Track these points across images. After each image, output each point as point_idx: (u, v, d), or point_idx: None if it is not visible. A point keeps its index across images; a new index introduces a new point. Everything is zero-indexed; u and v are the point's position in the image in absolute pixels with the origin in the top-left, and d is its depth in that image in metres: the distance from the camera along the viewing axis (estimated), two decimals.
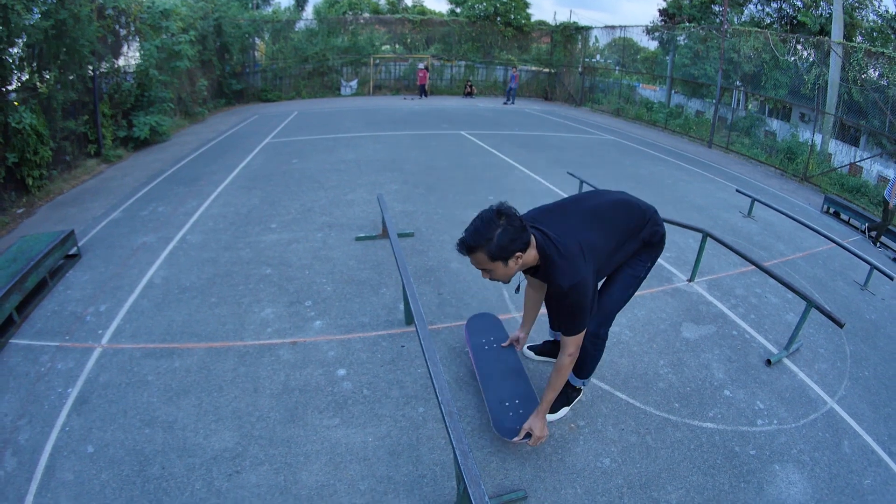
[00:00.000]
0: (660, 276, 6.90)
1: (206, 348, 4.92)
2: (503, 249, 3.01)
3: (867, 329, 6.29)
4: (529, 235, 3.13)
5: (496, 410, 3.88)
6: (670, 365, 4.99)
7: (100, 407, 4.21)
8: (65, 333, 5.31)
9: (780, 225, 9.73)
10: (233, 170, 11.37)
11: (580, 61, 30.15)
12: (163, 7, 16.65)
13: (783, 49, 18.33)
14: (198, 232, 7.80)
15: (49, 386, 4.51)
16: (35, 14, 10.26)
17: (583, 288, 3.15)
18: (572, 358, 3.41)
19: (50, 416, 4.14)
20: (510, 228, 3.02)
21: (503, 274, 3.16)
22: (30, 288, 5.87)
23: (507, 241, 3.00)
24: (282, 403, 4.17)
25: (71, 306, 5.85)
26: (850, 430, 4.42)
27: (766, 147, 18.79)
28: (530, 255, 3.18)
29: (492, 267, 3.10)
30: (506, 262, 3.08)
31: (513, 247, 3.03)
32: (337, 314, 5.48)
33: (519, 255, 3.08)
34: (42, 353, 5.02)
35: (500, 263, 3.08)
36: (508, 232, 3.01)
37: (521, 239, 3.05)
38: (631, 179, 11.97)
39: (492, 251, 3.01)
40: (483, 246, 3.01)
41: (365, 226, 7.91)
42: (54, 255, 6.49)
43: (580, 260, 3.18)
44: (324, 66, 28.60)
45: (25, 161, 10.03)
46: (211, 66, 23.01)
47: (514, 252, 3.05)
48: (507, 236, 3.00)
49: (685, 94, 25.09)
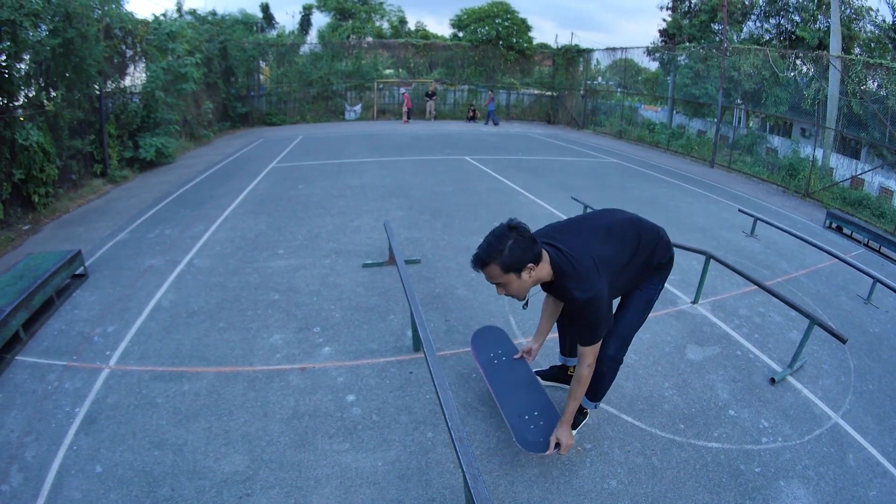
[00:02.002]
0: (664, 298, 6.97)
1: (216, 373, 5.01)
2: (516, 261, 3.12)
3: (871, 342, 6.39)
4: (541, 248, 3.26)
5: (517, 425, 3.94)
6: (675, 387, 5.07)
7: (108, 427, 4.29)
8: (72, 353, 5.41)
9: (783, 243, 9.84)
10: (239, 194, 11.55)
11: (582, 84, 30.46)
12: (169, 29, 16.92)
13: (782, 65, 18.56)
14: (205, 256, 7.93)
15: (56, 404, 4.60)
16: (42, 31, 10.46)
17: (598, 301, 3.25)
18: (591, 368, 3.52)
19: (57, 434, 4.22)
20: (521, 240, 3.13)
21: (517, 288, 3.26)
22: (36, 306, 5.98)
23: (519, 253, 3.12)
24: (291, 428, 4.24)
25: (78, 326, 5.97)
26: (854, 443, 4.49)
27: (768, 164, 18.92)
28: (544, 270, 3.29)
29: (505, 280, 3.20)
30: (519, 275, 3.19)
31: (525, 258, 3.14)
32: (345, 340, 5.57)
33: (531, 268, 3.19)
34: (49, 371, 5.12)
35: (513, 276, 3.18)
36: (520, 244, 3.12)
37: (532, 251, 3.17)
38: (634, 202, 12.07)
39: (504, 263, 3.12)
40: (495, 259, 3.12)
41: (372, 252, 8.03)
42: (61, 274, 6.62)
43: (594, 273, 3.28)
44: (328, 91, 28.90)
45: (32, 178, 10.23)
46: (216, 89, 23.30)
47: (526, 264, 3.16)
48: (518, 248, 3.12)
49: (687, 114, 25.32)
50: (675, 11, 30.18)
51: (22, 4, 9.46)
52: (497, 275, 3.18)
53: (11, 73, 10.12)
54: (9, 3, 9.17)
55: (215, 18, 25.94)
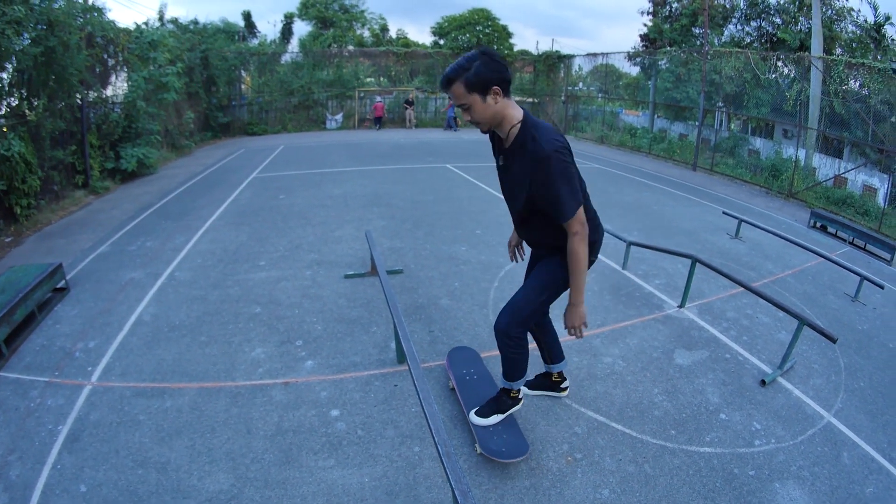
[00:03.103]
0: (650, 303, 7.01)
1: (198, 388, 4.93)
2: (481, 79, 3.07)
3: (860, 340, 6.44)
4: (510, 77, 3.20)
5: (483, 435, 4.01)
6: (665, 392, 5.05)
7: (91, 445, 4.20)
8: (54, 369, 5.31)
9: (768, 244, 9.93)
10: (220, 204, 11.46)
11: (563, 90, 30.69)
12: (151, 38, 16.83)
13: (764, 67, 18.78)
14: (186, 268, 7.84)
15: (39, 422, 4.50)
16: (25, 39, 10.34)
17: (565, 154, 3.16)
18: (580, 237, 3.30)
19: (41, 452, 4.13)
20: (490, 62, 3.09)
21: (481, 113, 3.19)
22: (18, 321, 5.88)
23: (485, 72, 3.06)
24: (276, 445, 4.17)
25: (60, 341, 5.86)
26: (848, 441, 4.50)
27: (751, 166, 19.16)
28: (511, 107, 3.24)
29: (470, 101, 3.14)
30: (483, 97, 3.13)
31: (491, 78, 3.09)
32: (328, 354, 5.50)
33: (497, 91, 3.13)
34: (31, 387, 5.02)
35: (477, 97, 3.13)
36: (487, 64, 3.08)
37: (499, 73, 3.11)
38: (617, 207, 12.17)
39: (469, 81, 3.07)
40: (461, 76, 3.08)
41: (353, 263, 7.97)
42: (42, 288, 6.51)
43: (562, 137, 3.23)
44: (309, 100, 28.86)
45: (14, 189, 10.09)
46: (198, 99, 23.18)
47: (491, 85, 3.10)
48: (485, 67, 3.07)
49: (668, 118, 25.52)
50: (656, 16, 30.52)
51: (4, 12, 9.34)
52: (462, 94, 3.13)
53: None
54: None
55: (197, 27, 25.81)
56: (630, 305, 6.91)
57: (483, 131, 3.37)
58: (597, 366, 5.41)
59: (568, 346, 5.60)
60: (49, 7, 10.97)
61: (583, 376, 5.19)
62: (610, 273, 7.98)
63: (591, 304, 6.80)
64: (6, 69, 10.54)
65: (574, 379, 5.11)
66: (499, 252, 8.41)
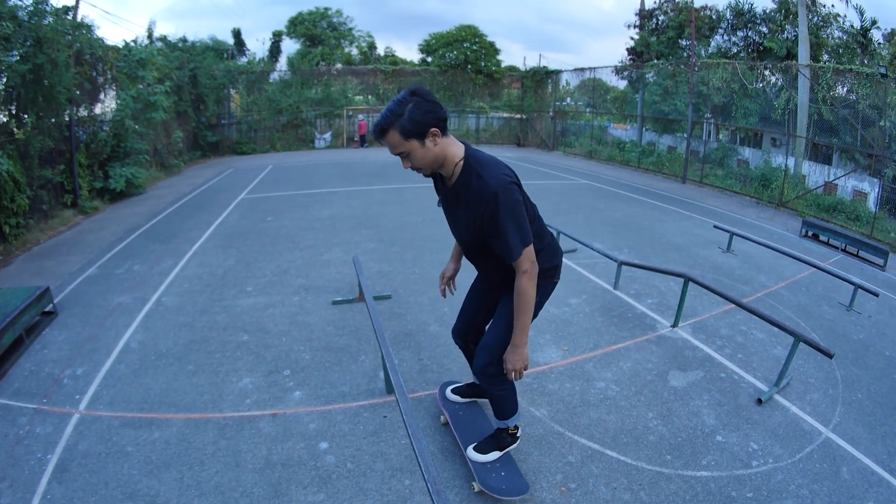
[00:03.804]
0: (643, 324, 7.04)
1: (185, 419, 4.91)
2: (416, 124, 2.94)
3: (856, 350, 6.51)
4: (446, 114, 3.09)
5: (481, 472, 3.97)
6: (659, 416, 5.05)
7: (80, 476, 4.18)
8: (42, 396, 5.29)
9: (760, 256, 10.01)
10: (208, 227, 11.46)
11: (551, 105, 30.99)
12: (139, 56, 16.85)
13: (751, 77, 19.08)
14: (174, 293, 7.82)
15: (28, 450, 4.48)
16: (13, 56, 10.34)
17: (513, 189, 3.06)
18: (529, 276, 3.14)
19: (31, 481, 4.12)
20: (422, 103, 2.95)
21: (421, 158, 3.07)
22: (6, 345, 5.88)
23: (419, 115, 2.93)
24: (265, 478, 4.16)
25: (48, 367, 5.84)
26: (847, 455, 4.54)
27: (740, 177, 19.41)
28: (452, 147, 3.15)
29: (408, 148, 3.01)
30: (422, 142, 3.00)
31: (426, 121, 2.96)
32: (317, 384, 5.50)
33: (435, 133, 3.01)
34: (20, 414, 5.01)
35: (415, 143, 2.99)
36: (421, 106, 2.94)
37: (435, 114, 2.99)
38: (607, 223, 12.27)
39: (404, 126, 2.93)
40: (394, 123, 2.94)
41: (342, 288, 7.98)
42: (31, 312, 6.50)
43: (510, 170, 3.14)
44: (298, 119, 28.99)
45: (3, 208, 10.09)
46: (186, 118, 23.21)
47: (428, 128, 2.98)
48: (419, 110, 2.93)
49: (656, 130, 25.84)
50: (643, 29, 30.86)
51: None
52: (398, 142, 2.99)
53: None
54: None
55: (186, 45, 25.83)
56: (622, 327, 6.94)
57: (426, 175, 3.30)
58: (589, 391, 5.42)
59: (560, 372, 5.70)
60: (38, 24, 10.98)
61: (575, 403, 5.21)
62: (601, 293, 8.02)
63: (583, 327, 6.86)
64: None
65: (567, 406, 5.14)
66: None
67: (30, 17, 10.82)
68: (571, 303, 7.58)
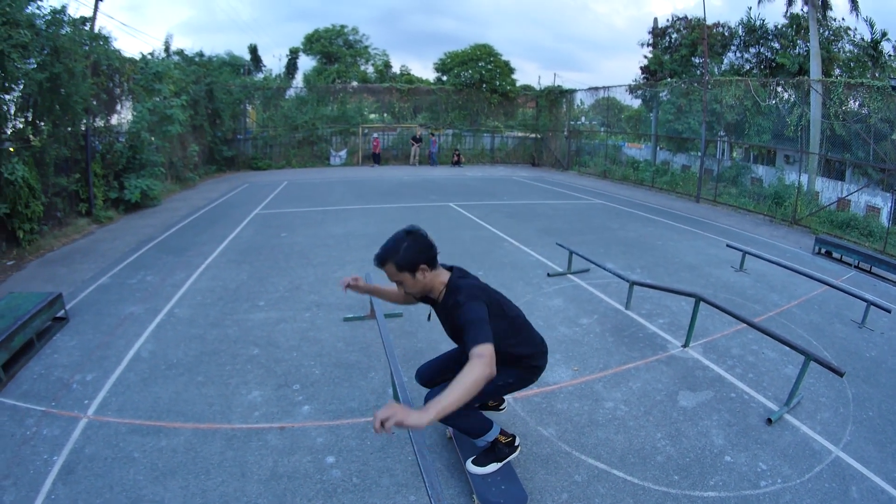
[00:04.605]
0: (654, 344, 7.06)
1: (193, 429, 5.02)
2: (409, 262, 3.50)
3: (868, 368, 6.49)
4: (436, 253, 3.64)
5: (479, 485, 4.08)
6: (668, 437, 5.06)
7: (85, 479, 4.29)
8: (51, 399, 5.44)
9: (773, 275, 10.00)
10: (222, 241, 11.66)
11: (566, 124, 31.20)
12: (156, 69, 17.17)
13: (764, 94, 19.09)
14: (186, 306, 7.98)
15: (34, 451, 4.62)
16: (31, 63, 10.61)
17: (477, 303, 3.48)
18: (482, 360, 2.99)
19: (35, 481, 4.24)
20: (415, 244, 3.52)
21: (412, 286, 3.63)
22: (16, 347, 6.06)
23: (412, 255, 3.50)
24: (270, 490, 4.25)
25: (58, 371, 6.01)
26: (857, 474, 4.54)
27: (754, 195, 19.36)
28: (438, 278, 3.71)
29: (401, 278, 3.58)
30: (413, 274, 3.55)
31: (418, 259, 3.52)
32: (325, 399, 5.59)
33: (424, 269, 3.56)
34: (28, 415, 5.16)
35: (407, 275, 3.54)
36: (413, 247, 3.51)
37: (425, 254, 3.55)
38: (620, 244, 12.32)
39: (399, 262, 3.49)
40: (391, 258, 3.50)
41: (353, 305, 8.07)
42: (42, 317, 6.68)
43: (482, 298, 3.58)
44: (313, 135, 29.24)
45: (17, 213, 10.35)
46: (202, 132, 23.52)
47: (418, 264, 3.52)
48: (412, 250, 3.50)
49: (670, 149, 25.90)
50: (656, 47, 31.08)
51: (10, 35, 9.63)
52: (394, 273, 3.54)
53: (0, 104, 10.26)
54: None
55: (202, 59, 26.23)
56: (633, 347, 6.97)
57: (416, 298, 3.90)
58: (598, 411, 5.46)
59: (569, 392, 5.77)
60: (55, 33, 11.32)
61: (584, 422, 5.25)
62: (613, 313, 8.06)
63: (593, 347, 6.91)
64: (12, 91, 10.82)
65: (575, 425, 5.19)
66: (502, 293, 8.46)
67: (47, 26, 11.16)
68: (583, 323, 7.64)
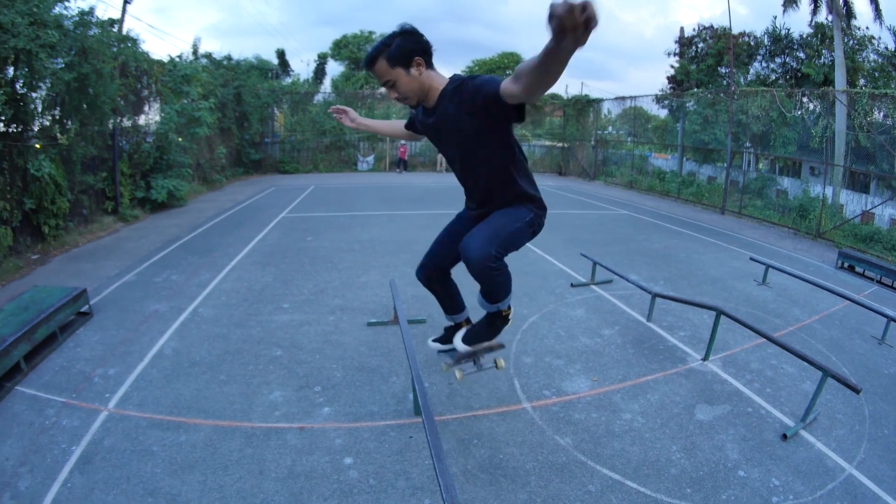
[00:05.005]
0: (674, 356, 7.02)
1: (213, 426, 5.11)
2: (402, 51, 3.12)
3: (886, 385, 6.40)
4: (432, 49, 3.24)
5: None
6: (683, 449, 5.04)
7: (103, 469, 4.39)
8: (72, 391, 5.58)
9: (795, 289, 9.91)
10: (248, 243, 11.83)
11: (593, 134, 31.15)
12: (184, 72, 17.47)
13: (789, 105, 18.97)
14: (210, 305, 8.11)
15: (53, 440, 4.75)
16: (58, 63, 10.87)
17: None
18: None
19: (52, 469, 4.35)
20: (410, 36, 3.16)
21: (406, 85, 3.22)
22: (39, 340, 6.23)
23: (406, 44, 3.13)
24: (287, 488, 4.30)
25: (80, 365, 6.15)
26: (869, 493, 4.49)
27: (779, 207, 19.23)
28: (436, 80, 3.29)
29: (393, 77, 3.18)
30: (407, 70, 3.17)
31: (413, 48, 3.15)
32: (346, 401, 5.64)
33: (419, 62, 3.17)
34: (48, 406, 5.30)
35: (401, 71, 3.16)
36: (408, 38, 3.15)
37: (420, 44, 3.18)
38: (645, 255, 12.27)
39: (391, 55, 3.12)
40: (382, 52, 3.14)
41: (377, 310, 8.14)
42: (66, 311, 6.86)
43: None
44: (341, 141, 29.52)
45: (43, 209, 10.62)
46: (230, 134, 23.84)
47: (413, 57, 3.15)
48: (406, 41, 3.14)
49: (696, 160, 25.82)
50: (683, 57, 30.98)
51: (38, 35, 9.87)
52: (385, 71, 3.17)
53: (27, 102, 10.49)
54: (26, 32, 9.58)
55: (230, 63, 26.61)
56: (653, 359, 6.93)
57: (412, 106, 3.50)
58: (615, 422, 5.45)
59: (587, 402, 5.75)
60: (83, 34, 11.58)
61: (600, 433, 5.24)
62: (634, 325, 8.03)
63: (614, 358, 6.89)
64: (39, 89, 11.08)
65: (591, 436, 5.18)
66: (524, 304, 8.47)
67: (75, 27, 11.42)
68: (604, 333, 7.62)
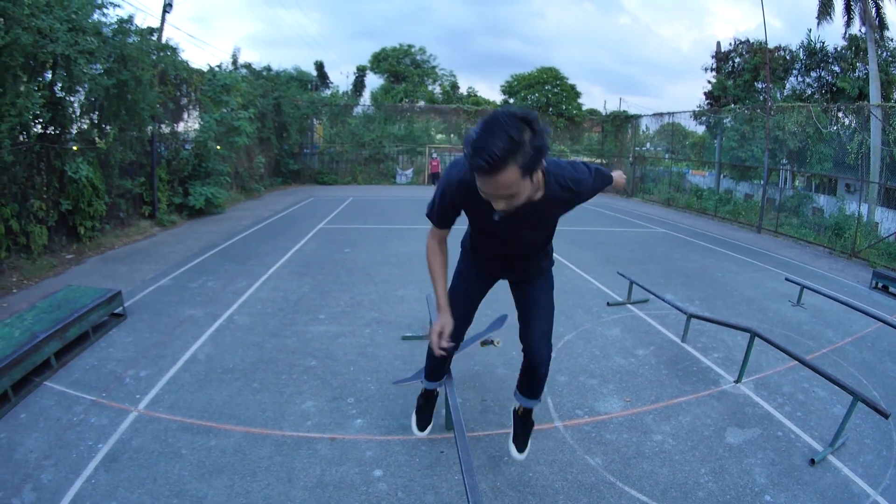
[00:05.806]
0: (707, 378, 6.94)
1: (244, 433, 5.18)
2: (541, 154, 2.43)
3: None
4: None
5: None
6: (711, 472, 4.97)
7: (129, 468, 4.48)
8: (101, 390, 5.73)
9: (829, 310, 9.77)
10: (285, 253, 12.03)
11: (631, 150, 31.28)
12: (224, 81, 17.92)
13: (825, 120, 18.94)
14: (245, 313, 8.25)
15: (80, 436, 4.87)
16: (97, 68, 11.25)
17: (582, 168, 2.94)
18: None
19: (77, 464, 4.45)
20: (541, 129, 2.40)
21: (523, 195, 2.57)
22: (71, 338, 6.42)
23: (541, 141, 2.40)
24: (314, 497, 4.34)
25: (111, 365, 6.31)
26: None
27: (814, 225, 19.20)
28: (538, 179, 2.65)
29: (521, 189, 2.48)
30: (532, 178, 2.50)
31: (545, 145, 2.43)
32: (379, 414, 5.67)
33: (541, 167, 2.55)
34: (77, 403, 5.45)
35: (528, 181, 2.48)
36: (540, 133, 2.39)
37: (546, 145, 2.45)
38: (681, 274, 12.17)
39: (530, 161, 2.37)
40: (514, 157, 2.31)
41: (413, 325, 8.18)
42: (99, 311, 7.06)
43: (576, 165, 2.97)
44: (380, 153, 29.98)
45: (79, 210, 11.02)
46: (269, 144, 24.33)
47: (541, 160, 2.49)
48: (540, 138, 2.39)
49: (734, 178, 25.85)
50: (720, 72, 30.88)
51: (77, 41, 10.23)
52: (514, 181, 2.39)
53: (65, 105, 10.83)
54: (64, 38, 9.92)
55: (270, 74, 27.24)
56: (686, 381, 6.85)
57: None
58: (646, 444, 5.39)
59: (619, 423, 5.72)
60: (122, 42, 12.00)
61: (630, 454, 5.19)
62: (669, 346, 7.94)
63: (647, 379, 6.83)
64: (77, 94, 11.51)
65: (622, 456, 5.13)
66: (560, 322, 8.31)
67: (114, 34, 11.84)
68: (639, 354, 7.56)
